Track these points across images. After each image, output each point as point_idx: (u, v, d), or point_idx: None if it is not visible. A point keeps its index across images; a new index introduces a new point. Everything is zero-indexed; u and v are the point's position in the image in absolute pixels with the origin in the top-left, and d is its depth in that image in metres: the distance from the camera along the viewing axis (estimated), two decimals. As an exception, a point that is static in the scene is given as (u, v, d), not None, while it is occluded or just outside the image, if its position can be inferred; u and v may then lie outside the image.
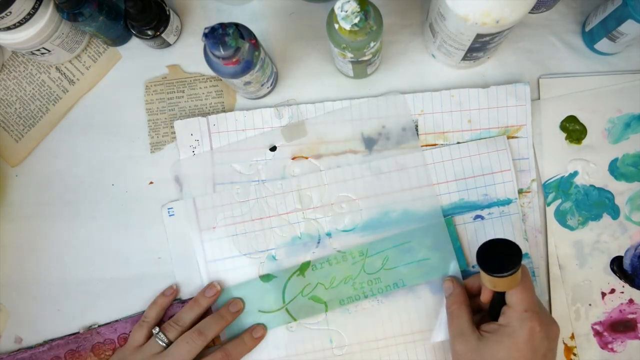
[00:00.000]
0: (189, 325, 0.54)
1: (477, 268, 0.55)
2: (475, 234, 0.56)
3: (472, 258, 0.56)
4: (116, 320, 0.58)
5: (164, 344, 0.53)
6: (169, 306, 0.57)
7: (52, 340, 0.58)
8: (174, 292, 0.57)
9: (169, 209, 0.58)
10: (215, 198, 0.58)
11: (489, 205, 0.56)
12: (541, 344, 0.45)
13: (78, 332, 0.58)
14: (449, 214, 0.56)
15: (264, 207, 0.57)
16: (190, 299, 0.57)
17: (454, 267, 0.55)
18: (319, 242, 0.57)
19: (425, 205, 0.56)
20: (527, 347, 0.44)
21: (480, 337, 0.47)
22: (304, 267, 0.57)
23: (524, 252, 0.55)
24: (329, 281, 0.56)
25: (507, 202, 0.56)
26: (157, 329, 0.54)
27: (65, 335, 0.58)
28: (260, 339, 0.55)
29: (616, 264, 0.56)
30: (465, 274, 0.56)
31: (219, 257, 0.57)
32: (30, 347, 0.58)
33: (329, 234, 0.57)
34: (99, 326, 0.58)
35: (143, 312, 0.58)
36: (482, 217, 0.56)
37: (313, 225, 0.57)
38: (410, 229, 0.56)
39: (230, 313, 0.55)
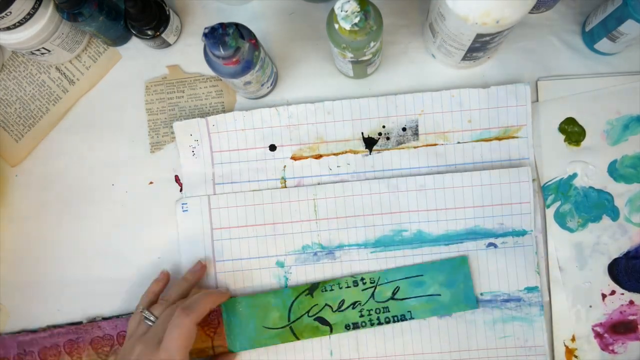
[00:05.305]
0: (174, 300, 0.53)
1: (485, 296, 0.55)
2: (487, 262, 0.55)
3: (479, 287, 0.55)
4: (118, 316, 0.58)
5: (151, 322, 0.51)
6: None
7: (54, 326, 0.58)
8: (166, 277, 0.56)
9: (182, 204, 0.58)
10: (230, 198, 0.57)
11: (504, 235, 0.56)
12: None
13: (81, 322, 0.58)
14: (462, 239, 0.56)
15: (279, 213, 0.57)
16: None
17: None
18: (328, 254, 0.57)
19: (440, 228, 0.56)
20: None
21: None
22: (313, 288, 0.56)
23: (534, 285, 0.55)
24: (337, 304, 0.56)
25: (522, 233, 0.56)
26: (141, 307, 0.52)
27: (67, 324, 0.58)
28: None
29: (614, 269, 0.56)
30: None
31: (228, 257, 0.57)
32: (33, 331, 0.58)
33: (339, 247, 0.57)
34: (103, 319, 0.58)
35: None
36: (495, 245, 0.56)
37: (325, 236, 0.57)
38: (424, 262, 0.56)
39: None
